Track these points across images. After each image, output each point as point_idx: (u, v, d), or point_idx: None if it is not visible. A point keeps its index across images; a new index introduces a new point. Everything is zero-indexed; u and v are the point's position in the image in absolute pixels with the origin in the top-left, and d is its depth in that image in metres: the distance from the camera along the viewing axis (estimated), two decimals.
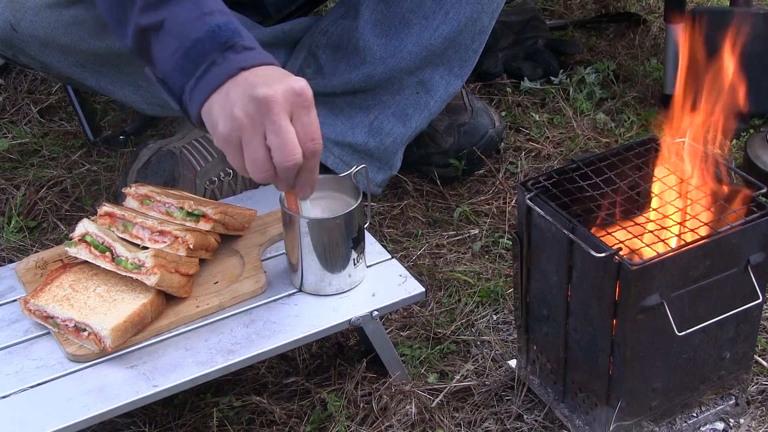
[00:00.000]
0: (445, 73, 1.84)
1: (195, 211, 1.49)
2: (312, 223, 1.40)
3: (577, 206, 1.34)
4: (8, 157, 2.12)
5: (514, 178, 2.02)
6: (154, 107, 1.86)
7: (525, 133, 2.16)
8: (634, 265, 1.22)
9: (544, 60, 2.36)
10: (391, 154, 1.89)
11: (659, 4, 2.67)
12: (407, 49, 1.79)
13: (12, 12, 1.67)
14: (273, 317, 1.42)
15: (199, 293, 1.45)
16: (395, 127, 1.86)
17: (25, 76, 2.39)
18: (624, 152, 1.42)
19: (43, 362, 1.35)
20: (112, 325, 1.33)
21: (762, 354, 1.56)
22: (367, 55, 1.81)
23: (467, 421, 1.48)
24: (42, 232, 1.91)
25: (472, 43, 1.82)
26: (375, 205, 1.94)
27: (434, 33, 1.78)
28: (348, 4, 1.85)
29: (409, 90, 1.84)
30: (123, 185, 1.77)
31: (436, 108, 1.88)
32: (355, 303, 1.45)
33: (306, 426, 1.47)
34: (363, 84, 1.83)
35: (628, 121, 2.20)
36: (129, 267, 1.39)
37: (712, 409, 1.44)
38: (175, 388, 1.33)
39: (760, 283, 1.32)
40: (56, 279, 1.42)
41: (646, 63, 2.41)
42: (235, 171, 1.81)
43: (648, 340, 1.30)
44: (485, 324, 1.66)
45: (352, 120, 1.86)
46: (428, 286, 1.74)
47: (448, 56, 1.82)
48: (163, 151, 1.80)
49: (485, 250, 1.84)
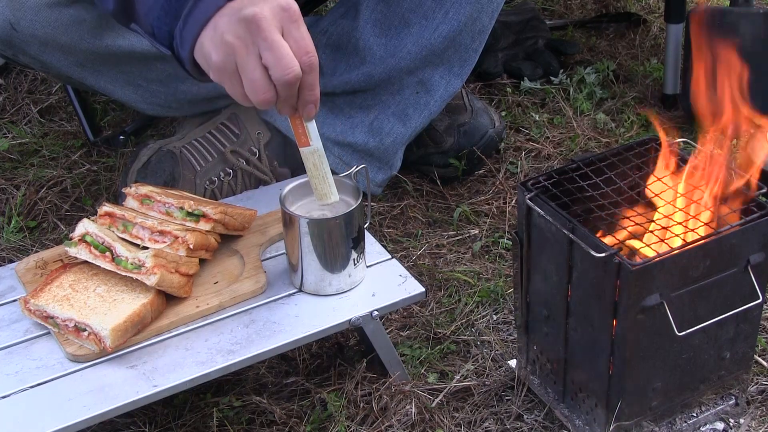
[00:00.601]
0: (445, 73, 1.84)
1: (195, 211, 1.49)
2: (312, 223, 1.40)
3: (577, 206, 1.34)
4: (8, 157, 2.12)
5: (514, 178, 2.02)
6: (154, 107, 1.86)
7: (525, 133, 2.16)
8: (634, 265, 1.22)
9: (544, 60, 2.36)
10: (391, 154, 1.89)
11: (659, 4, 2.67)
12: (407, 48, 1.79)
13: (12, 11, 1.67)
14: (273, 317, 1.42)
15: (199, 293, 1.45)
16: (395, 127, 1.86)
17: (25, 76, 2.39)
18: (624, 152, 1.42)
19: (43, 362, 1.35)
20: (112, 325, 1.33)
21: (762, 354, 1.56)
22: (367, 54, 1.81)
23: (467, 421, 1.48)
24: (42, 232, 1.91)
25: (472, 42, 1.82)
26: (375, 205, 1.94)
27: (434, 33, 1.78)
28: (348, 4, 1.85)
29: (409, 90, 1.84)
30: (123, 185, 1.77)
31: (436, 108, 1.88)
32: (355, 303, 1.45)
33: (306, 426, 1.47)
34: (363, 84, 1.83)
35: (628, 121, 2.20)
36: (129, 267, 1.39)
37: (712, 409, 1.44)
38: (175, 388, 1.33)
39: (760, 283, 1.32)
40: (56, 279, 1.42)
41: (646, 63, 2.41)
42: (235, 170, 1.81)
43: (648, 340, 1.30)
44: (485, 324, 1.66)
45: (352, 120, 1.86)
46: (428, 286, 1.74)
47: (448, 56, 1.82)
48: (163, 151, 1.80)
49: (485, 250, 1.84)
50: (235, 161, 1.81)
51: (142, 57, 1.75)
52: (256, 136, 1.84)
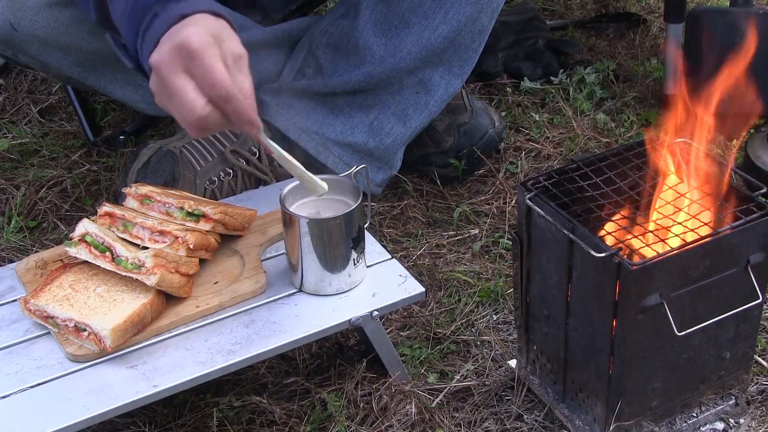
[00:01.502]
0: (445, 73, 1.84)
1: (195, 211, 1.49)
2: (312, 223, 1.40)
3: (577, 206, 1.34)
4: (8, 157, 2.12)
5: (514, 178, 2.02)
6: (154, 107, 1.85)
7: (525, 133, 2.16)
8: (634, 265, 1.22)
9: (544, 60, 2.36)
10: (391, 153, 1.89)
11: (659, 4, 2.66)
12: (407, 48, 1.79)
13: (12, 11, 1.67)
14: (273, 317, 1.42)
15: (199, 293, 1.45)
16: (395, 127, 1.86)
17: (25, 76, 2.39)
18: (624, 152, 1.42)
19: (43, 362, 1.35)
20: (112, 325, 1.33)
21: (762, 354, 1.56)
22: (367, 54, 1.81)
23: (467, 421, 1.48)
24: (42, 232, 1.91)
25: (472, 42, 1.82)
26: (375, 205, 1.94)
27: (434, 33, 1.78)
28: (348, 4, 1.85)
29: (409, 90, 1.84)
30: (123, 185, 1.77)
31: (436, 108, 1.88)
32: (355, 303, 1.45)
33: (306, 426, 1.47)
34: (363, 84, 1.83)
35: (628, 121, 2.20)
36: (129, 267, 1.39)
37: (712, 409, 1.44)
38: (175, 388, 1.33)
39: (760, 283, 1.32)
40: (56, 279, 1.42)
41: (646, 63, 2.41)
42: (235, 171, 1.81)
43: (648, 340, 1.30)
44: (485, 324, 1.66)
45: (352, 120, 1.86)
46: (428, 286, 1.74)
47: (448, 56, 1.82)
48: (163, 151, 1.80)
49: (485, 250, 1.84)
50: (235, 161, 1.81)
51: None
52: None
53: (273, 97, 1.87)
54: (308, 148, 1.86)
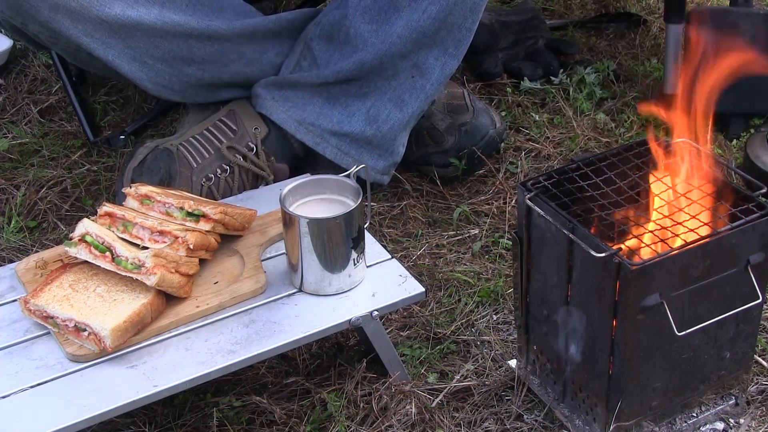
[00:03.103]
0: (440, 55, 1.82)
1: (195, 211, 1.49)
2: (312, 223, 1.40)
3: (577, 206, 1.34)
4: (8, 157, 2.12)
5: (514, 178, 2.02)
6: (158, 87, 1.84)
7: (525, 133, 2.16)
8: (634, 265, 1.22)
9: (544, 60, 2.36)
10: (389, 140, 1.88)
11: (659, 4, 2.66)
12: (397, 33, 1.77)
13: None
14: (273, 317, 1.42)
15: (199, 293, 1.45)
16: (392, 113, 1.85)
17: (25, 76, 2.39)
18: (624, 152, 1.42)
19: (43, 362, 1.35)
20: (112, 325, 1.33)
21: (762, 354, 1.56)
22: (359, 42, 1.80)
23: (467, 421, 1.48)
24: (42, 232, 1.90)
25: (465, 21, 1.80)
26: (375, 205, 1.94)
27: (423, 14, 1.76)
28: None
29: (404, 74, 1.83)
30: (120, 184, 1.77)
31: (433, 91, 1.86)
32: (355, 303, 1.45)
33: (306, 426, 1.47)
34: (356, 72, 1.82)
35: (628, 121, 2.20)
36: (129, 267, 1.39)
37: (712, 409, 1.44)
38: (175, 388, 1.33)
39: (760, 283, 1.32)
40: (56, 279, 1.42)
41: (646, 63, 2.41)
42: (232, 166, 1.80)
43: (648, 340, 1.30)
44: (485, 324, 1.66)
45: (349, 109, 1.85)
46: (428, 286, 1.74)
47: (441, 37, 1.80)
48: (160, 149, 1.79)
49: (485, 250, 1.84)
50: (232, 157, 1.81)
51: (150, 31, 1.73)
52: (253, 132, 1.84)
53: (269, 91, 1.86)
54: (306, 140, 1.86)
